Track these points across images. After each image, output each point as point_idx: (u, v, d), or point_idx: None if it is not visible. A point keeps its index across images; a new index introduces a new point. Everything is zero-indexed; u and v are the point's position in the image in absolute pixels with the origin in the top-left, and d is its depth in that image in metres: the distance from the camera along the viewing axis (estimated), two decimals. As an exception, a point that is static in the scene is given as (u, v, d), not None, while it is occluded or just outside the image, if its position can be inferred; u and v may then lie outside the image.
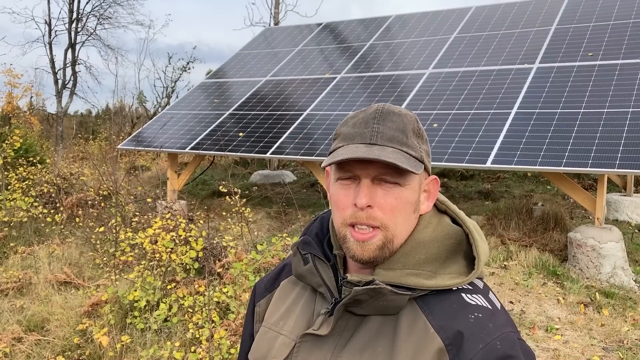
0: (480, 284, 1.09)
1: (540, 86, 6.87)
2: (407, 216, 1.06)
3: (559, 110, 6.31)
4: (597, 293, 5.28)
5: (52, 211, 7.35)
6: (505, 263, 6.00)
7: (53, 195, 7.84)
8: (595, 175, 8.68)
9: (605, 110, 6.07)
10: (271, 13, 14.32)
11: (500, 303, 1.09)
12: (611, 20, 7.76)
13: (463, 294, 1.04)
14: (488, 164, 5.90)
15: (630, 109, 5.94)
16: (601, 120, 5.94)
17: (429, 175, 1.11)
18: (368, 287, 1.00)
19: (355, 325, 1.06)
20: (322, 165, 1.05)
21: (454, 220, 1.13)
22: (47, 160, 10.27)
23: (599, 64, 6.89)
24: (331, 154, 1.07)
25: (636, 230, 7.13)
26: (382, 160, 0.98)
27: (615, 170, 5.27)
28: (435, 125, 6.83)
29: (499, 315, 1.03)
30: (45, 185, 8.00)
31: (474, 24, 9.10)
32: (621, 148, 5.47)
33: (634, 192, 8.36)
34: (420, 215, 1.10)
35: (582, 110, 6.18)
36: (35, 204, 7.46)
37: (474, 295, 1.05)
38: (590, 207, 5.94)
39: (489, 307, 1.04)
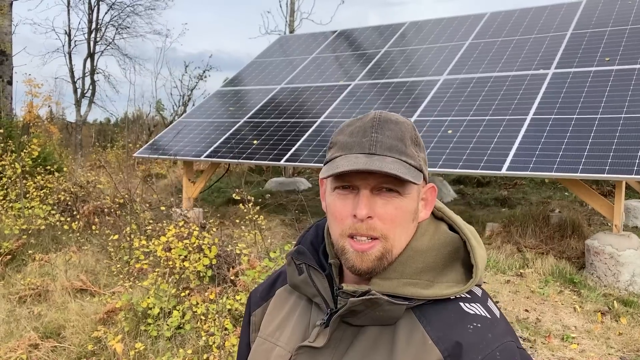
0: (478, 292, 1.07)
1: (556, 91, 6.81)
2: (407, 225, 1.04)
3: (575, 116, 6.24)
4: (615, 301, 5.19)
5: (69, 219, 7.43)
6: (521, 271, 5.93)
7: (70, 203, 7.93)
8: (613, 181, 8.57)
9: (623, 115, 5.99)
10: (286, 21, 14.40)
11: (500, 311, 1.08)
12: (628, 25, 7.67)
13: (461, 303, 1.03)
14: (504, 171, 5.85)
15: (648, 114, 5.86)
16: (618, 126, 5.86)
17: (426, 184, 1.10)
18: (364, 297, 0.98)
19: (351, 336, 1.04)
20: (321, 176, 1.04)
21: (451, 227, 1.11)
22: (65, 169, 10.39)
23: (616, 69, 6.81)
24: (328, 164, 1.06)
25: (656, 237, 7.01)
26: (385, 172, 0.96)
27: (634, 176, 5.19)
28: (450, 131, 6.80)
29: (498, 325, 1.01)
30: (63, 193, 8.09)
31: (489, 29, 9.05)
32: (639, 154, 5.39)
33: (654, 199, 8.23)
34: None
35: (599, 116, 6.11)
36: (53, 212, 7.55)
37: (472, 304, 1.03)
38: (608, 214, 5.85)
39: (488, 316, 1.02)
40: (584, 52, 7.41)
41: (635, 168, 5.25)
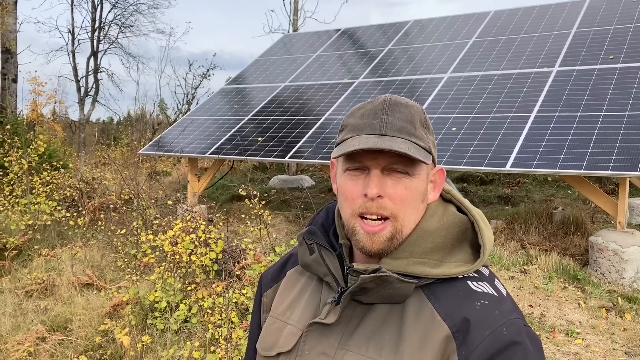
0: (486, 272, 1.10)
1: (560, 89, 6.83)
2: (416, 206, 1.06)
3: (579, 114, 6.26)
4: (619, 298, 5.21)
5: (74, 215, 7.47)
6: (525, 267, 5.95)
7: (76, 199, 7.97)
8: (616, 178, 8.58)
9: (627, 113, 6.01)
10: (290, 20, 14.43)
11: (506, 290, 1.10)
12: (633, 23, 7.68)
13: (469, 282, 1.05)
14: (507, 168, 5.87)
15: (652, 112, 5.87)
16: (622, 123, 5.88)
17: (435, 166, 1.12)
18: (375, 275, 1.01)
19: (362, 314, 1.07)
20: (332, 156, 1.07)
21: (459, 209, 1.14)
22: (70, 166, 10.43)
23: (620, 67, 6.82)
24: (339, 145, 1.08)
25: (659, 235, 7.02)
26: (395, 150, 0.99)
27: (638, 173, 5.20)
28: (454, 129, 6.82)
29: (505, 302, 1.04)
30: (68, 189, 8.13)
31: (493, 28, 9.07)
32: (643, 151, 5.40)
33: (657, 197, 8.24)
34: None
35: (603, 113, 6.13)
36: (59, 207, 7.59)
37: (479, 283, 1.06)
38: (612, 211, 5.87)
39: (495, 294, 1.05)
40: (588, 50, 7.42)
41: (640, 165, 5.26)
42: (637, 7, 8.04)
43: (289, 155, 7.50)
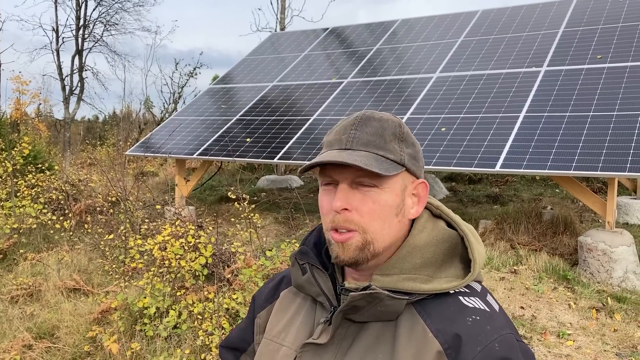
0: (477, 287, 1.10)
1: (548, 89, 6.84)
2: (388, 219, 1.06)
3: (568, 114, 6.28)
4: (608, 298, 5.23)
5: (60, 218, 7.36)
6: (515, 267, 5.96)
7: (62, 201, 7.86)
8: (604, 178, 8.63)
9: (615, 113, 6.03)
10: (277, 18, 14.36)
11: (499, 305, 1.10)
12: (620, 22, 7.71)
13: (460, 297, 1.04)
14: (497, 168, 5.87)
15: (640, 112, 5.90)
16: (611, 123, 5.90)
17: (417, 179, 1.11)
18: (364, 292, 1.01)
19: (354, 332, 1.07)
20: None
21: (449, 225, 1.13)
22: (56, 167, 10.30)
23: (608, 67, 6.85)
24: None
25: (647, 234, 7.07)
26: (344, 163, 0.99)
27: (627, 173, 5.23)
28: (443, 129, 6.81)
29: (497, 318, 1.03)
30: (54, 192, 8.02)
31: (481, 27, 9.07)
32: (632, 151, 5.42)
33: (645, 195, 8.30)
34: (414, 220, 1.11)
35: (591, 113, 6.15)
36: (44, 210, 7.48)
37: (471, 298, 1.05)
38: (601, 211, 5.89)
39: (487, 309, 1.04)
40: (576, 49, 7.45)
41: (628, 165, 5.28)
42: (623, 7, 8.08)
43: (278, 156, 7.45)
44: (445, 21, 9.80)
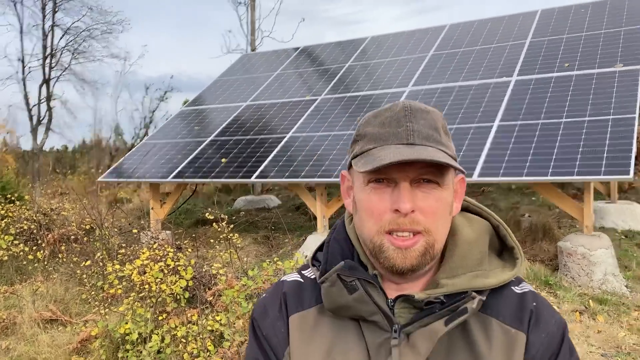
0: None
1: (520, 98, 6.95)
2: (447, 218, 1.01)
3: (541, 121, 6.37)
4: (590, 300, 5.27)
5: (33, 248, 7.16)
6: (497, 276, 5.98)
7: (34, 231, 7.65)
8: (579, 184, 8.77)
9: (587, 118, 6.14)
10: (248, 40, 14.39)
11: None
12: (583, 32, 7.91)
13: (512, 287, 1.05)
14: (475, 178, 5.91)
15: (611, 117, 6.02)
16: (583, 129, 6.01)
17: (457, 175, 1.07)
18: (461, 301, 0.96)
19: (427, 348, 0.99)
20: (362, 169, 0.96)
21: (467, 210, 1.12)
22: (26, 197, 10.05)
23: (576, 74, 7.00)
24: (363, 157, 1.00)
25: (623, 237, 7.18)
26: (434, 160, 0.92)
27: (601, 177, 5.31)
28: (418, 141, 6.84)
29: (544, 299, 1.07)
30: (25, 222, 7.81)
31: (450, 41, 9.21)
32: (605, 155, 5.52)
33: (618, 199, 8.44)
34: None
35: (563, 120, 6.25)
36: (16, 242, 7.26)
37: (520, 285, 1.06)
38: (578, 216, 5.96)
39: (535, 291, 1.06)
40: (544, 58, 7.60)
41: (603, 169, 5.37)
42: (585, 17, 8.29)
43: (255, 175, 7.40)
44: (414, 37, 9.93)
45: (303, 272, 1.15)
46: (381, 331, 1.00)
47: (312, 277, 1.11)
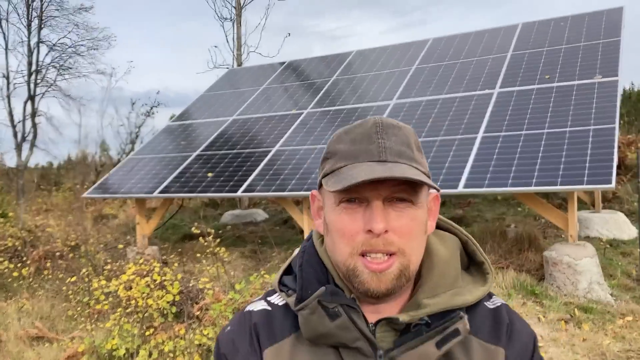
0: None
1: (503, 110, 7.04)
2: (422, 238, 0.98)
3: (523, 132, 6.46)
4: (575, 309, 5.32)
5: (18, 265, 7.10)
6: (484, 286, 6.01)
7: (19, 248, 7.59)
8: (563, 194, 8.86)
9: (568, 129, 6.24)
10: (234, 55, 14.44)
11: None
12: (563, 44, 8.05)
13: (484, 303, 1.04)
14: (460, 189, 5.97)
15: (592, 127, 6.12)
16: (565, 139, 6.10)
17: (431, 193, 1.03)
18: (449, 321, 0.95)
19: None
20: (333, 189, 0.92)
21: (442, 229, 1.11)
22: (10, 214, 9.96)
23: (556, 86, 7.11)
24: (333, 176, 0.96)
25: (608, 246, 7.26)
26: (410, 178, 0.89)
27: (584, 186, 5.38)
28: (404, 154, 6.89)
29: (514, 311, 1.08)
30: (10, 239, 7.74)
31: (433, 55, 9.33)
32: (587, 165, 5.60)
33: (602, 209, 8.54)
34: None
35: (546, 131, 6.34)
36: (0, 259, 7.20)
37: (492, 299, 1.06)
38: (563, 225, 6.03)
39: (504, 302, 1.06)
40: (525, 71, 7.72)
41: (585, 178, 5.44)
42: (565, 30, 8.45)
43: (241, 189, 7.40)
44: (398, 51, 10.04)
45: (269, 298, 1.07)
46: (364, 357, 0.95)
47: (281, 304, 1.04)
